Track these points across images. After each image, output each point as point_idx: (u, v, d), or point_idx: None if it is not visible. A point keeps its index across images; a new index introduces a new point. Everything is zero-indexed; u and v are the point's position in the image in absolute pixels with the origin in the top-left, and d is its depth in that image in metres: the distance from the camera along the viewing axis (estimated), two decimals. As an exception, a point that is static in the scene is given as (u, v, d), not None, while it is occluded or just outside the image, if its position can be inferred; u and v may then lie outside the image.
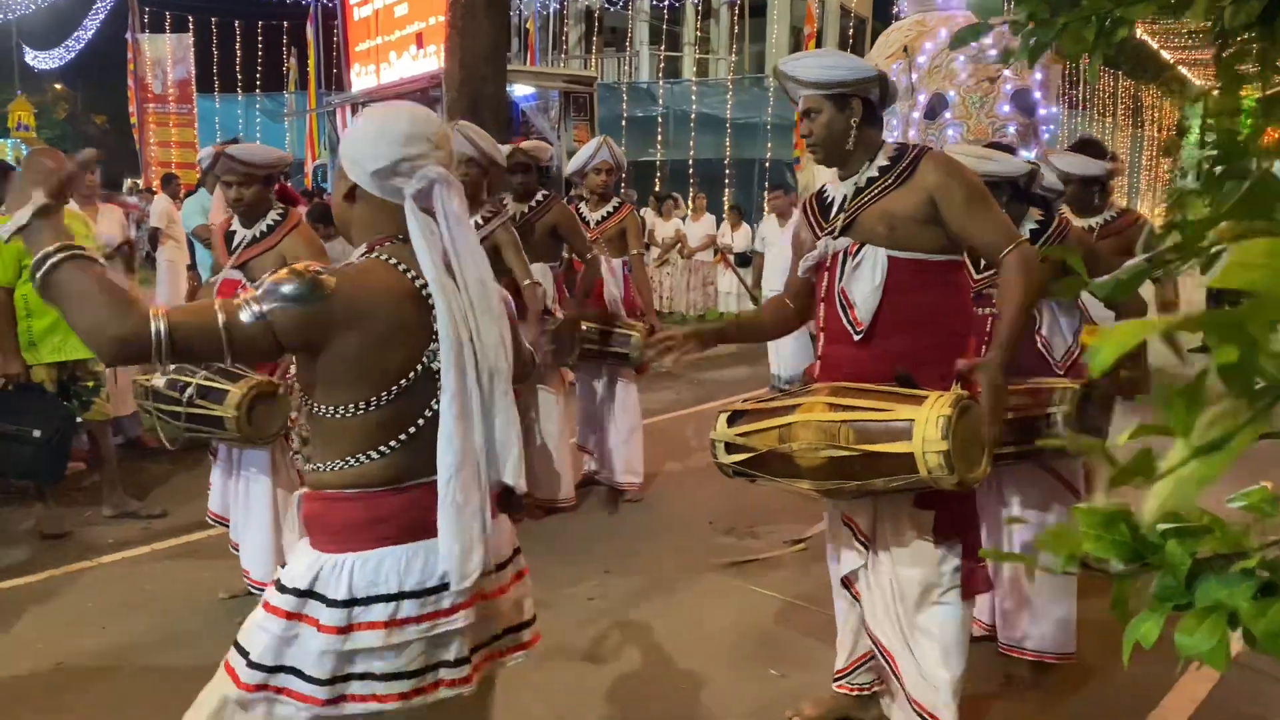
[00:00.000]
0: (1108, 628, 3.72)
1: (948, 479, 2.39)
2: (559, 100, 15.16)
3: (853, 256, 2.71)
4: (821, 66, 2.71)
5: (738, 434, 2.70)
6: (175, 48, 19.85)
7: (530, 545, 4.68)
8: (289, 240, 3.79)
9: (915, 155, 2.71)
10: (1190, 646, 0.90)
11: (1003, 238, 2.64)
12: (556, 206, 5.02)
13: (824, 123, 2.71)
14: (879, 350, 2.67)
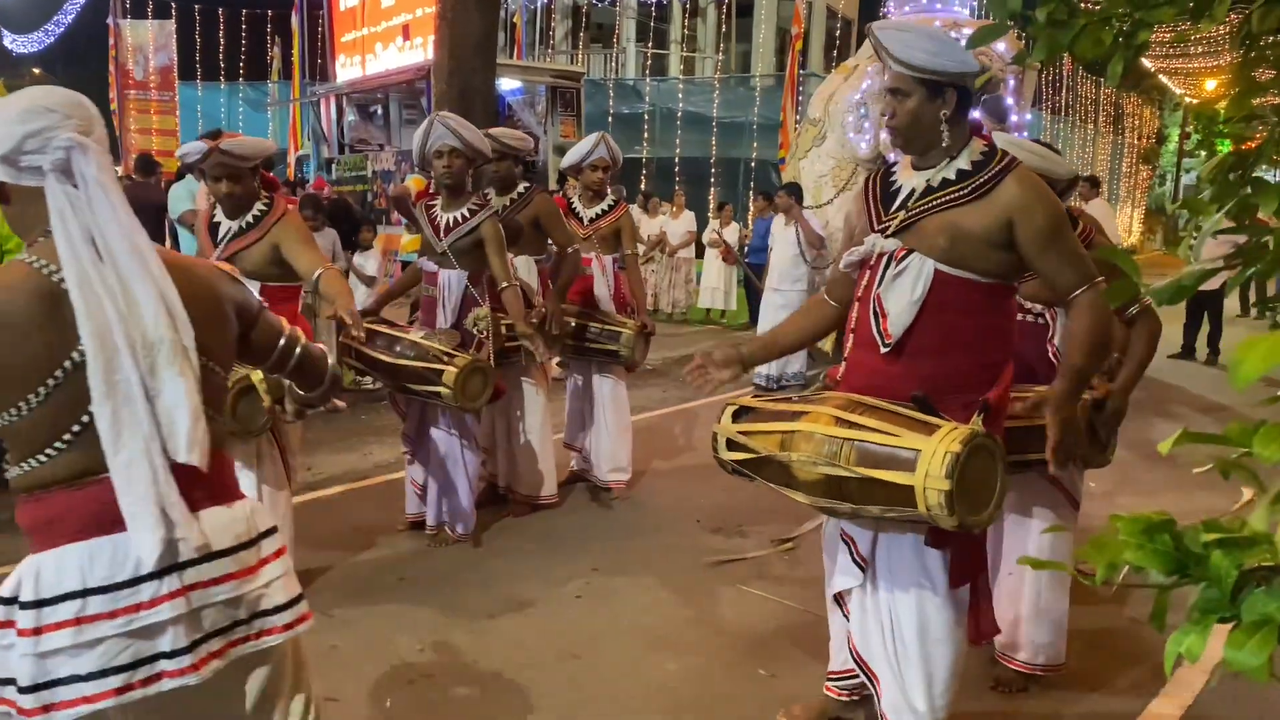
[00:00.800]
0: (1095, 632, 3.74)
1: (946, 520, 2.24)
2: (546, 95, 15.10)
3: (897, 262, 2.50)
4: (923, 50, 2.42)
5: (740, 431, 2.60)
6: (157, 34, 19.61)
7: (518, 542, 4.70)
8: (279, 228, 3.75)
9: (1001, 168, 2.47)
10: (1239, 661, 0.89)
11: (1078, 276, 2.45)
12: (538, 198, 4.97)
13: (911, 109, 2.48)
14: (905, 368, 2.50)
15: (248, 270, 3.70)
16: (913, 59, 2.42)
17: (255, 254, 3.75)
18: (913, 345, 2.50)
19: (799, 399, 2.62)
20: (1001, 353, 2.57)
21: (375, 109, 16.73)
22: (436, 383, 4.16)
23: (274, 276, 3.76)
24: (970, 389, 2.46)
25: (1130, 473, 5.65)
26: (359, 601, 4.01)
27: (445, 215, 4.47)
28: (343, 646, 3.62)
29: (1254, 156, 1.71)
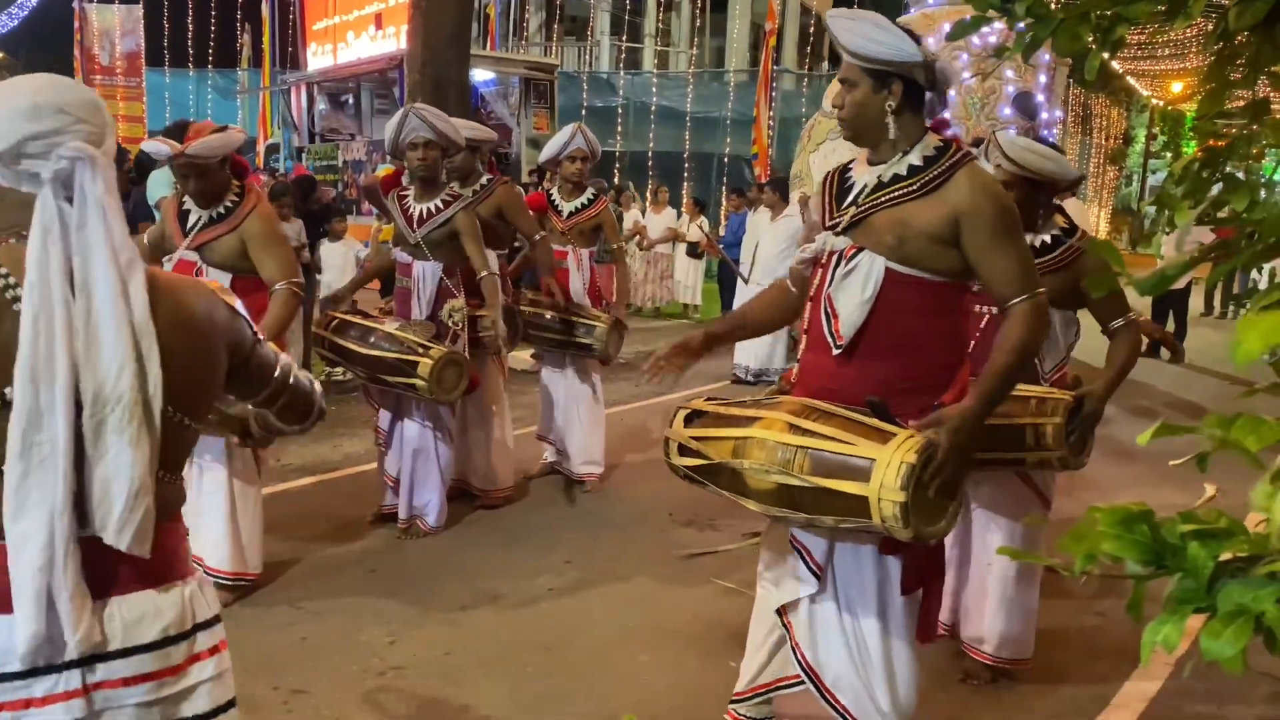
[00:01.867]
0: (1061, 626, 3.78)
1: (901, 531, 2.17)
2: (519, 87, 15.04)
3: (846, 261, 2.42)
4: (863, 36, 2.35)
5: (692, 436, 2.50)
6: (124, 19, 19.34)
7: (490, 535, 4.68)
8: (249, 222, 3.66)
9: (953, 163, 2.38)
10: (1215, 650, 0.89)
11: (1020, 283, 2.35)
12: (501, 189, 4.94)
13: (856, 99, 2.40)
14: (858, 370, 2.42)
15: (217, 261, 3.66)
16: (859, 48, 2.35)
17: (225, 246, 3.67)
18: (865, 346, 2.42)
19: (753, 403, 2.52)
20: (957, 354, 2.49)
21: (346, 98, 16.60)
22: (411, 375, 4.14)
23: (245, 269, 3.68)
24: (926, 391, 2.39)
25: (1096, 469, 5.70)
26: (329, 593, 3.98)
27: (418, 206, 4.44)
28: (312, 638, 3.59)
29: (1225, 154, 1.73)
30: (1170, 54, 19.74)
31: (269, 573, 4.14)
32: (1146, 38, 14.38)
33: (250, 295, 3.66)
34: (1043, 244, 3.14)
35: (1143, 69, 23.55)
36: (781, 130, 18.30)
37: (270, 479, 5.43)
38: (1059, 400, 3.00)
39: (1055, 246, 3.15)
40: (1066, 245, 3.15)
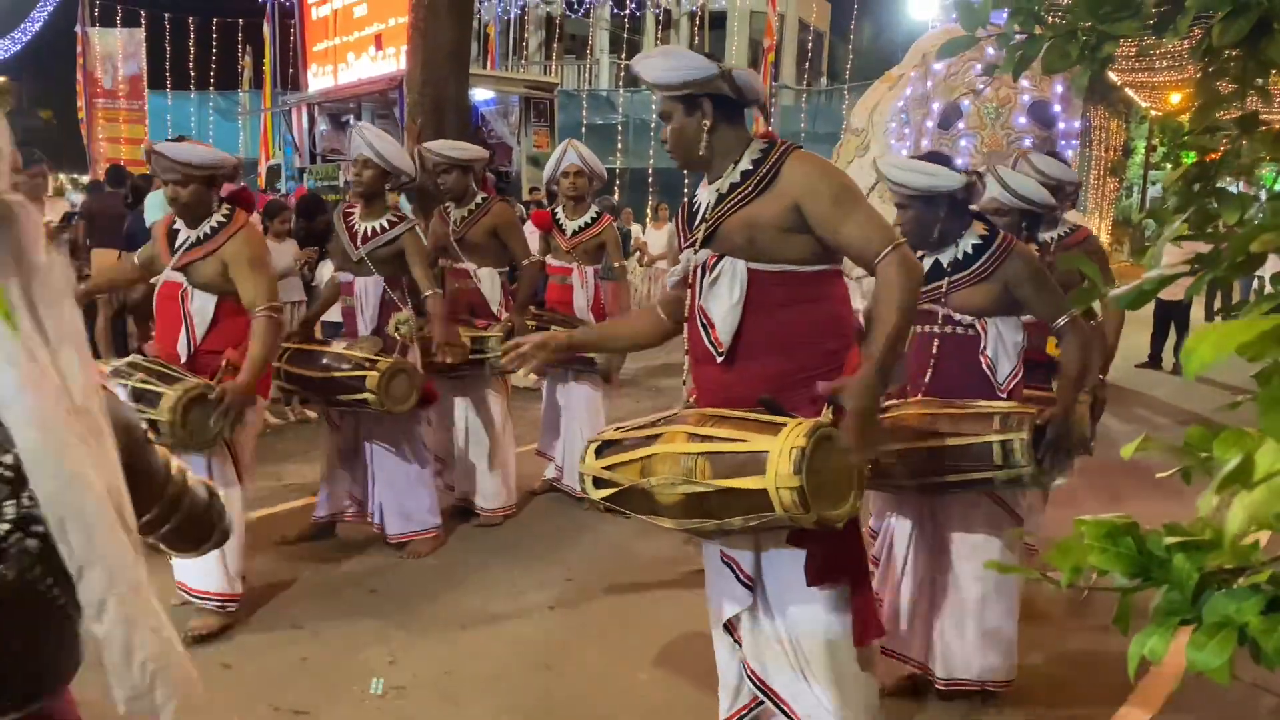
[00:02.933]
0: (1059, 641, 3.77)
1: (804, 518, 2.18)
2: (519, 105, 15.11)
3: (709, 270, 2.49)
4: (662, 67, 2.47)
5: (604, 466, 2.47)
6: (126, 43, 19.46)
7: (490, 552, 4.67)
8: (231, 244, 3.65)
9: (779, 156, 2.46)
10: (1201, 662, 0.90)
11: (878, 239, 2.36)
12: (496, 208, 4.95)
13: (675, 127, 2.51)
14: (745, 373, 2.46)
15: (201, 283, 3.67)
16: (657, 78, 2.47)
17: (208, 267, 3.66)
18: (745, 348, 2.46)
19: (656, 421, 2.53)
20: (839, 339, 2.50)
21: (348, 118, 16.66)
22: (361, 389, 4.15)
23: (229, 291, 3.67)
24: (815, 381, 2.39)
25: (1097, 480, 5.70)
26: (329, 613, 3.97)
27: (363, 225, 4.43)
28: (312, 659, 3.59)
29: (1216, 168, 1.74)
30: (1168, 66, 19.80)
31: (268, 593, 4.14)
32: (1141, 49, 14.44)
33: (234, 318, 3.70)
34: (964, 255, 3.10)
35: (1141, 80, 23.62)
36: (781, 146, 18.34)
37: (270, 500, 5.44)
38: (1023, 414, 2.94)
39: (977, 256, 3.09)
40: (989, 253, 3.08)
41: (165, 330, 3.77)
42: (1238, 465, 0.75)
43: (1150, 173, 31.28)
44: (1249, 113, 1.76)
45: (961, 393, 3.08)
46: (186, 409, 3.44)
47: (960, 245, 3.11)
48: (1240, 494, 0.75)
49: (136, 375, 3.54)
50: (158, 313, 3.82)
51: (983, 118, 8.06)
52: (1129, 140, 32.29)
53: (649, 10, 24.22)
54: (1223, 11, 1.51)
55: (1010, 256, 3.06)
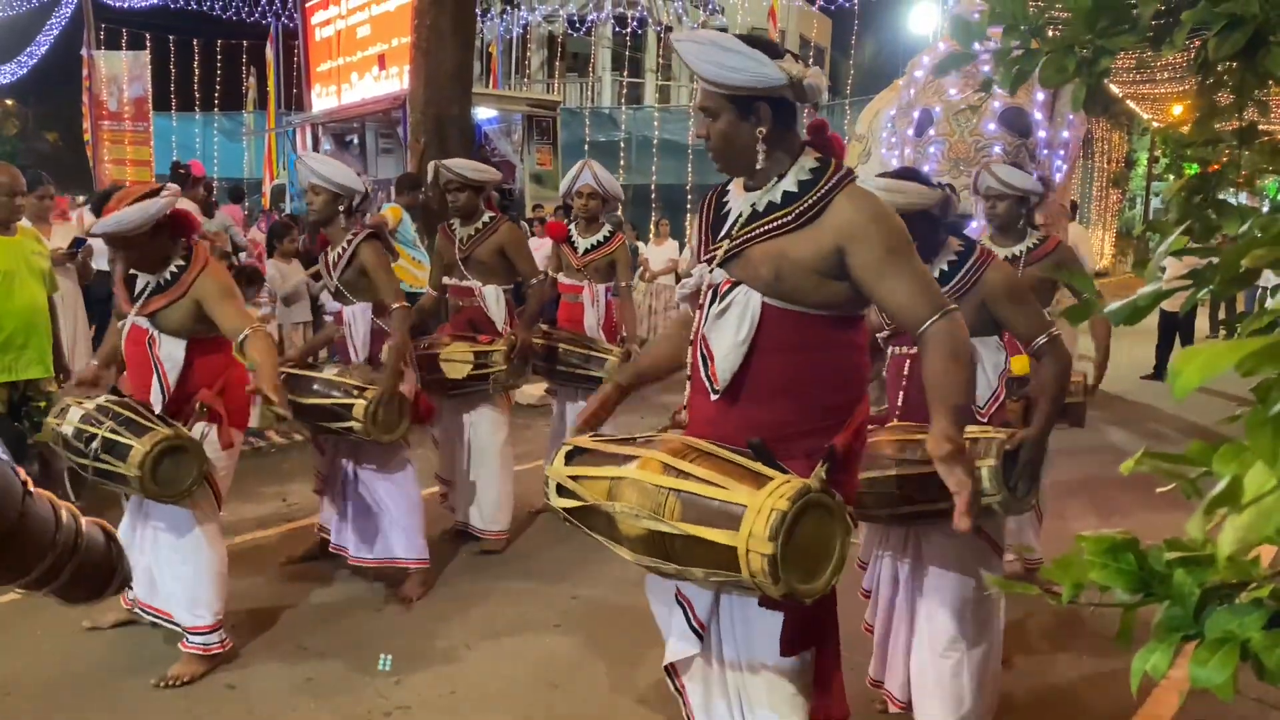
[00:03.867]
0: (1049, 671, 3.74)
1: (771, 587, 1.93)
2: (522, 123, 15.17)
3: (720, 298, 2.22)
4: (719, 64, 2.12)
5: (570, 475, 2.28)
6: (132, 65, 19.55)
7: (496, 570, 4.66)
8: (199, 284, 3.55)
9: (830, 185, 2.17)
10: (1204, 678, 0.89)
11: (926, 305, 2.12)
12: (504, 227, 4.94)
13: (722, 130, 2.20)
14: (740, 416, 2.21)
15: (171, 329, 3.58)
16: (714, 75, 2.13)
17: (177, 313, 3.57)
18: (747, 390, 2.21)
19: (636, 440, 2.30)
20: (848, 392, 2.25)
21: (351, 138, 16.75)
22: (348, 417, 4.09)
23: (200, 333, 3.59)
24: (815, 434, 2.17)
25: (1103, 494, 5.69)
26: (334, 633, 3.97)
27: (332, 253, 4.37)
28: (317, 679, 3.58)
29: (1216, 180, 1.75)
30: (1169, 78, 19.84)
31: (273, 613, 4.14)
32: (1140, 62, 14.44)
33: (208, 357, 3.62)
34: (940, 273, 2.93)
35: (1143, 93, 23.66)
36: (783, 161, 18.37)
37: (275, 520, 5.45)
38: (992, 439, 2.75)
39: (953, 273, 2.93)
40: (965, 269, 2.93)
41: (136, 376, 3.66)
42: (1225, 488, 0.74)
43: (1153, 184, 31.30)
44: (1248, 124, 1.76)
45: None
46: (156, 463, 3.32)
47: (936, 263, 2.94)
48: (1230, 516, 0.74)
49: (106, 424, 3.39)
50: (126, 358, 3.71)
51: (952, 124, 7.81)
52: (1131, 152, 32.34)
53: (651, 28, 24.32)
54: (1218, 25, 1.52)
55: (987, 271, 2.90)
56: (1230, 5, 1.50)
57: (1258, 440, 0.69)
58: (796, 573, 1.96)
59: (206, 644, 3.59)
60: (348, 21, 16.58)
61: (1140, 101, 25.67)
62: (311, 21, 17.84)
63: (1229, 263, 0.81)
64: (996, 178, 3.93)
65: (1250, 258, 0.79)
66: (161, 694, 3.45)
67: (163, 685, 3.48)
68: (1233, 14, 1.50)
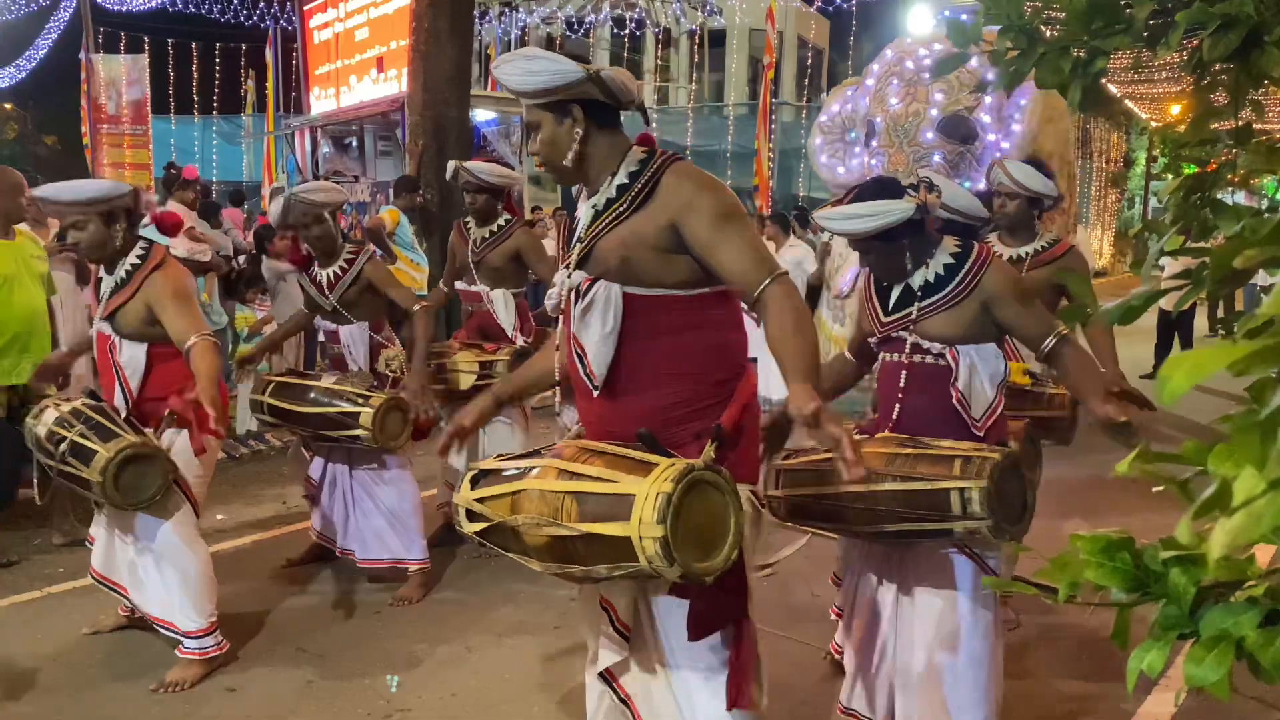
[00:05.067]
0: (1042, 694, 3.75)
1: (669, 570, 1.95)
2: (520, 125, 15.17)
3: (581, 296, 2.26)
4: (523, 71, 2.20)
5: (476, 499, 2.25)
6: (130, 68, 19.56)
7: (495, 572, 4.66)
8: (150, 283, 3.45)
9: (657, 168, 2.24)
10: (1198, 677, 0.90)
11: (756, 268, 2.16)
12: (518, 231, 4.89)
13: (544, 138, 2.27)
14: (624, 408, 2.25)
15: (128, 331, 3.49)
16: (522, 85, 2.22)
17: (131, 313, 3.47)
18: (623, 381, 2.25)
19: (536, 452, 2.32)
20: (726, 369, 2.28)
21: (350, 140, 16.76)
22: (354, 425, 4.09)
23: (158, 337, 3.48)
24: (701, 415, 2.22)
25: (1102, 493, 5.69)
26: (334, 635, 3.97)
27: (323, 272, 4.35)
28: (317, 682, 3.58)
29: (1212, 180, 1.75)
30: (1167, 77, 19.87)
31: (273, 616, 4.14)
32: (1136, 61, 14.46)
33: (170, 363, 3.50)
34: (936, 276, 2.78)
35: (1141, 92, 23.69)
36: (782, 162, 18.41)
37: (274, 523, 5.45)
38: (985, 459, 2.58)
39: (950, 276, 2.77)
40: (964, 270, 2.76)
41: (104, 382, 3.62)
42: (1215, 491, 0.75)
43: (1152, 184, 31.34)
44: (1243, 125, 1.77)
45: (930, 429, 2.75)
46: (119, 470, 3.26)
47: (931, 266, 2.80)
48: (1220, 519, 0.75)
49: (76, 428, 3.35)
50: (97, 364, 3.65)
51: (891, 135, 7.50)
52: (1130, 151, 32.38)
53: (649, 30, 24.35)
54: (1213, 25, 1.52)
55: (988, 271, 2.75)
56: (1224, 6, 1.50)
57: (1244, 444, 0.69)
58: (692, 552, 1.98)
59: (203, 647, 3.58)
60: (346, 24, 16.59)
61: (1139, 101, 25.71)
62: (310, 24, 17.85)
63: (1219, 263, 0.81)
64: (1009, 176, 3.80)
65: (1241, 258, 0.80)
66: (162, 698, 3.45)
67: (162, 690, 3.48)
68: (1227, 14, 1.50)
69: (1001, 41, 1.76)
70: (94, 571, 3.79)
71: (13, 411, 4.70)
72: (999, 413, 2.78)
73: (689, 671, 2.29)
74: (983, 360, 2.77)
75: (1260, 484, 0.66)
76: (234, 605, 4.12)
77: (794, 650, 3.64)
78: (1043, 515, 4.42)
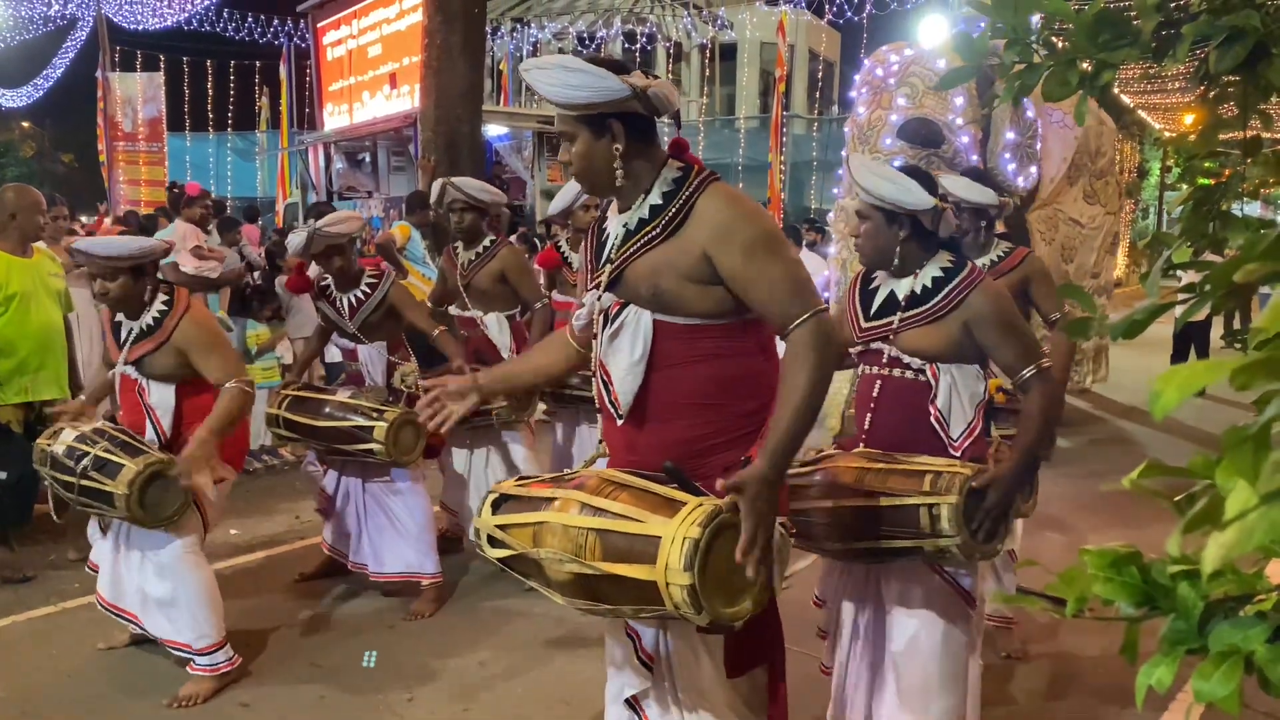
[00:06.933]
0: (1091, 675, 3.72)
1: (696, 617, 1.89)
2: (533, 140, 15.26)
3: (610, 320, 2.20)
4: (564, 84, 2.09)
5: (497, 525, 2.20)
6: (146, 86, 19.77)
7: (507, 588, 4.66)
8: (181, 329, 3.52)
9: (691, 190, 2.15)
10: (1207, 692, 0.89)
11: (790, 304, 2.06)
12: (503, 251, 4.82)
13: (580, 152, 2.17)
14: (651, 437, 2.18)
15: (157, 374, 3.55)
16: (561, 97, 2.11)
17: (162, 360, 3.54)
18: (652, 410, 2.18)
19: (559, 479, 2.24)
20: (756, 399, 2.18)
21: (363, 156, 16.88)
22: (368, 439, 4.12)
23: (187, 376, 3.57)
24: (730, 446, 2.15)
25: (1116, 505, 5.65)
26: (347, 650, 3.97)
27: (344, 296, 4.40)
28: (330, 697, 3.59)
29: (1221, 192, 1.75)
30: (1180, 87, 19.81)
31: (286, 631, 4.15)
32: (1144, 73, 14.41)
33: (197, 397, 3.58)
34: (923, 288, 2.69)
35: (1154, 102, 23.63)
36: (794, 175, 18.41)
37: (288, 537, 5.47)
38: (955, 475, 2.50)
39: (937, 290, 2.68)
40: (951, 286, 2.66)
41: (131, 421, 3.64)
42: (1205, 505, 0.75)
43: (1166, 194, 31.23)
44: (1252, 137, 1.77)
45: (905, 447, 2.66)
46: (145, 485, 3.33)
47: (920, 277, 2.71)
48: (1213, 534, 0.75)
49: (101, 444, 3.42)
50: (121, 402, 3.69)
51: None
52: (1144, 162, 32.29)
53: (660, 44, 24.43)
54: (1219, 38, 1.52)
55: (975, 292, 2.63)
56: (1231, 19, 1.50)
57: (1237, 458, 0.69)
58: (719, 598, 1.92)
59: (214, 663, 3.59)
60: (359, 41, 16.73)
61: (1152, 111, 25.65)
62: (323, 41, 18.01)
63: (1219, 277, 0.81)
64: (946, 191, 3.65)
65: (1241, 273, 0.80)
66: (176, 713, 3.46)
67: (175, 705, 3.49)
68: (1234, 27, 1.50)
69: (1008, 55, 1.76)
70: (102, 599, 3.81)
71: (29, 428, 4.73)
72: (977, 433, 2.68)
73: (707, 708, 2.26)
74: (963, 380, 2.68)
75: (1253, 498, 0.66)
76: (247, 620, 4.13)
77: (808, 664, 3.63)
78: (1048, 529, 4.41)
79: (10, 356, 4.64)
